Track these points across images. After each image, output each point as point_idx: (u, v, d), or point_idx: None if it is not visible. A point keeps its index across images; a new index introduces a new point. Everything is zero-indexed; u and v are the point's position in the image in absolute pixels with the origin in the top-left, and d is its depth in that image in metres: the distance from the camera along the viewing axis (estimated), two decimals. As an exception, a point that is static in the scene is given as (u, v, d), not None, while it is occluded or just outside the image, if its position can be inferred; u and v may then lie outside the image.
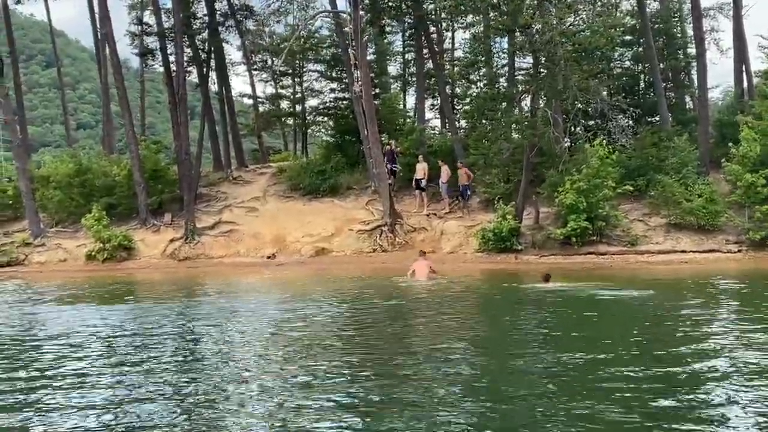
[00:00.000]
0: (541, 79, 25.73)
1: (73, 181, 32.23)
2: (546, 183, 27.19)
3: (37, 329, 12.53)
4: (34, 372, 8.59)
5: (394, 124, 34.81)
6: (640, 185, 27.37)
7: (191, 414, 6.58)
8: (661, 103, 30.85)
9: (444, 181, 29.32)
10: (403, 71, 44.41)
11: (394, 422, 6.03)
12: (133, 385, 7.71)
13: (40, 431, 6.23)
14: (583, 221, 24.97)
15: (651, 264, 23.75)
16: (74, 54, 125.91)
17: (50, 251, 30.16)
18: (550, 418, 6.18)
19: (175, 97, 32.50)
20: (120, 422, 6.35)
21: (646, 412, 6.25)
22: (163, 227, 31.12)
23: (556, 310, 13.85)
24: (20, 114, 37.33)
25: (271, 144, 51.09)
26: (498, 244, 25.96)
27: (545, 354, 9.36)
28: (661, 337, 10.50)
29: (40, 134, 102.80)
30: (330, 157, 33.79)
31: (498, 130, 27.01)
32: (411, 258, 26.24)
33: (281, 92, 44.39)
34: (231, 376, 8.19)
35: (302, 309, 14.67)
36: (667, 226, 26.20)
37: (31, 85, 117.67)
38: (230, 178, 35.79)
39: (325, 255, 28.19)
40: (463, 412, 6.48)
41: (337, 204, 31.51)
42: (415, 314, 13.93)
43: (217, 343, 10.78)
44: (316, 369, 8.44)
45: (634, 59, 35.59)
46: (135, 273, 27.37)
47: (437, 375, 8.04)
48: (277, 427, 6.07)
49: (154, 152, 33.59)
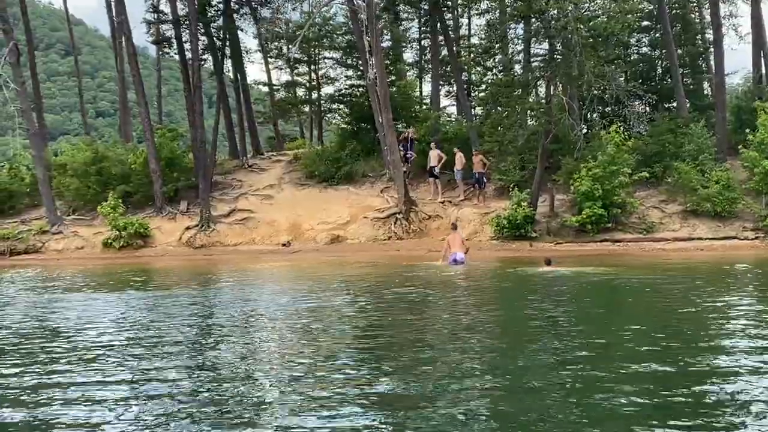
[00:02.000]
0: (556, 65, 25.59)
1: (90, 169, 32.36)
2: (561, 170, 27.09)
3: (58, 316, 12.56)
4: (53, 359, 8.61)
5: (409, 111, 34.72)
6: (656, 172, 27.21)
7: (211, 404, 6.60)
8: (678, 89, 30.64)
9: (459, 168, 29.24)
10: (419, 58, 44.29)
11: (414, 415, 5.98)
12: (156, 378, 7.72)
13: (61, 418, 6.24)
14: (598, 208, 24.89)
15: (666, 251, 23.63)
16: (93, 42, 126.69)
17: (67, 239, 30.32)
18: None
19: (191, 85, 32.56)
20: (142, 409, 6.39)
21: (663, 404, 6.18)
22: (179, 215, 31.24)
23: (563, 295, 13.84)
24: (37, 102, 37.56)
25: (287, 132, 51.15)
26: (513, 232, 25.90)
27: (559, 340, 9.31)
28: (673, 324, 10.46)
29: (59, 122, 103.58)
30: (345, 145, 33.78)
31: (513, 116, 26.91)
32: (425, 245, 26.47)
33: (297, 80, 44.40)
34: (251, 364, 8.17)
35: (320, 295, 14.71)
36: (683, 213, 26.07)
37: (50, 73, 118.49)
38: (246, 166, 35.85)
39: (340, 242, 28.22)
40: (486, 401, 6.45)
41: (353, 191, 31.52)
42: (435, 302, 13.88)
43: (235, 330, 10.78)
44: (339, 354, 8.44)
45: (651, 45, 35.33)
46: (151, 261, 27.49)
47: (457, 366, 8.01)
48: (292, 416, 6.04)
49: (170, 140, 33.65)
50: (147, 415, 6.08)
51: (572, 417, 5.74)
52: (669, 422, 5.52)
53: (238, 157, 37.44)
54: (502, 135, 27.89)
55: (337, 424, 5.66)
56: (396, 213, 28.35)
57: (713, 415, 5.72)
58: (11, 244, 29.83)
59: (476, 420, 5.77)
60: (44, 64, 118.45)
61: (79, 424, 5.92)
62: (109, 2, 38.24)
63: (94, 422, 5.95)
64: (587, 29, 24.56)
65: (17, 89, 30.74)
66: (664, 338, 9.06)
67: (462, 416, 5.81)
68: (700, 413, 5.76)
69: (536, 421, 5.70)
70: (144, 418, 6.00)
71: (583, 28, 24.27)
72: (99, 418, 6.03)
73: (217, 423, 5.77)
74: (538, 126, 27.06)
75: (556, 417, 5.77)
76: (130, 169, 32.41)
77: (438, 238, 27.14)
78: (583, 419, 5.69)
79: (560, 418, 5.74)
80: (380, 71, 28.49)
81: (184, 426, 5.75)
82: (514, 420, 5.76)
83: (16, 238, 30.14)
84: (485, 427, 5.63)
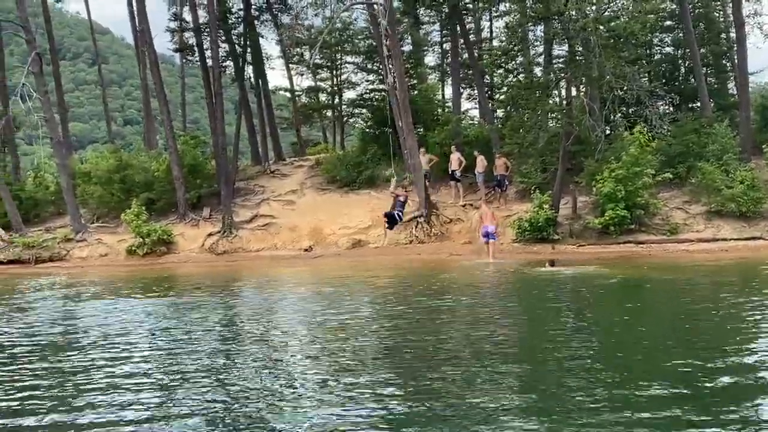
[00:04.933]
0: (576, 66, 25.42)
1: (114, 176, 32.61)
2: (584, 172, 26.89)
3: (83, 323, 12.68)
4: (79, 366, 8.67)
5: (430, 115, 34.62)
6: (680, 172, 26.93)
7: (235, 405, 6.61)
8: (702, 88, 30.31)
9: (480, 171, 29.13)
10: (441, 61, 44.21)
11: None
12: (181, 380, 7.76)
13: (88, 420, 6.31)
14: (621, 210, 24.64)
15: (691, 252, 23.34)
16: (120, 51, 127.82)
17: (91, 246, 30.56)
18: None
19: (212, 92, 32.72)
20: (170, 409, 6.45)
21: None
22: (201, 221, 31.39)
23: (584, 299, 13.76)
24: (61, 111, 37.94)
25: (311, 137, 51.26)
26: (534, 234, 25.72)
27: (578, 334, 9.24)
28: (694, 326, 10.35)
29: (87, 131, 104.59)
30: (366, 149, 33.77)
31: (533, 118, 26.75)
32: (447, 249, 26.40)
33: (319, 85, 44.49)
34: (279, 369, 8.16)
35: (345, 299, 14.71)
36: (707, 213, 25.75)
37: (78, 82, 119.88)
38: (268, 172, 35.94)
39: (362, 247, 28.20)
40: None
41: (374, 195, 31.46)
42: (457, 309, 13.82)
43: (261, 334, 10.79)
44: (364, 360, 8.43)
45: (674, 44, 35.01)
46: (175, 267, 27.62)
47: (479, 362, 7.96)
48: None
49: (193, 147, 33.83)
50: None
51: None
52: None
53: (260, 162, 37.57)
54: (522, 137, 27.73)
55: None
56: (417, 217, 28.28)
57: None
58: (36, 252, 30.10)
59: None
60: (72, 73, 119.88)
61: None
62: (132, 12, 38.50)
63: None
64: (606, 30, 24.35)
65: (40, 98, 31.04)
66: (683, 340, 8.97)
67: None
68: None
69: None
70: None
71: (603, 28, 24.08)
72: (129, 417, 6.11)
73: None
74: (559, 128, 26.86)
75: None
76: (153, 176, 32.61)
77: (459, 242, 27.11)
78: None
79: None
80: (400, 75, 28.46)
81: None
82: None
83: (41, 246, 30.42)
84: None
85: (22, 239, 30.70)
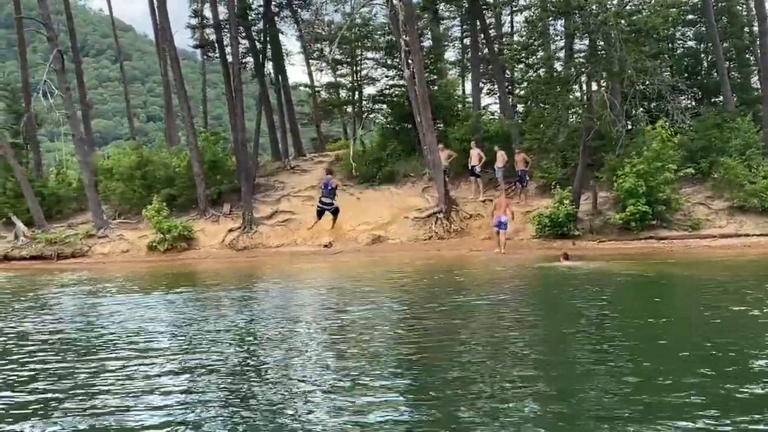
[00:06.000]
0: (596, 61, 25.25)
1: (135, 173, 32.86)
2: (605, 167, 26.71)
3: (105, 319, 12.74)
4: (101, 361, 8.72)
5: (450, 111, 34.52)
6: (702, 168, 26.69)
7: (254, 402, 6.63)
8: (724, 83, 30.02)
9: (500, 167, 29.02)
10: (461, 57, 44.05)
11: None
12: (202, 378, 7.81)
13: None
14: (642, 205, 24.44)
15: (713, 248, 23.12)
16: (143, 48, 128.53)
17: (113, 242, 30.76)
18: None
19: (232, 88, 32.81)
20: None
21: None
22: (222, 217, 31.54)
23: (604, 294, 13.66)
24: (83, 108, 38.19)
25: (332, 132, 51.25)
26: (555, 230, 25.59)
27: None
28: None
29: (110, 127, 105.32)
30: (386, 145, 33.73)
31: (554, 113, 26.60)
32: (466, 245, 26.34)
33: (339, 80, 44.44)
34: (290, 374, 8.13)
35: (365, 295, 14.71)
36: (729, 209, 25.53)
37: (102, 79, 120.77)
38: (288, 168, 36.03)
39: (381, 243, 28.17)
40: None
41: (394, 191, 31.49)
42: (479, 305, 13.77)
43: (282, 330, 10.79)
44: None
45: (696, 39, 34.70)
46: (195, 263, 27.72)
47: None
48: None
49: (213, 143, 33.96)
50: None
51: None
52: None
53: (280, 158, 37.66)
54: (542, 132, 27.61)
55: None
56: (437, 213, 28.23)
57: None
58: (58, 248, 30.36)
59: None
60: (95, 70, 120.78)
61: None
62: (153, 8, 38.66)
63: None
64: (628, 24, 24.15)
65: (62, 95, 31.23)
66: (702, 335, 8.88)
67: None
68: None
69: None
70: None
71: (624, 22, 23.90)
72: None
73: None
74: (579, 123, 26.71)
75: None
76: (174, 172, 32.80)
77: (479, 237, 27.02)
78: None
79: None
80: (419, 71, 28.39)
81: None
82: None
83: (64, 242, 30.66)
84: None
85: (45, 235, 30.97)
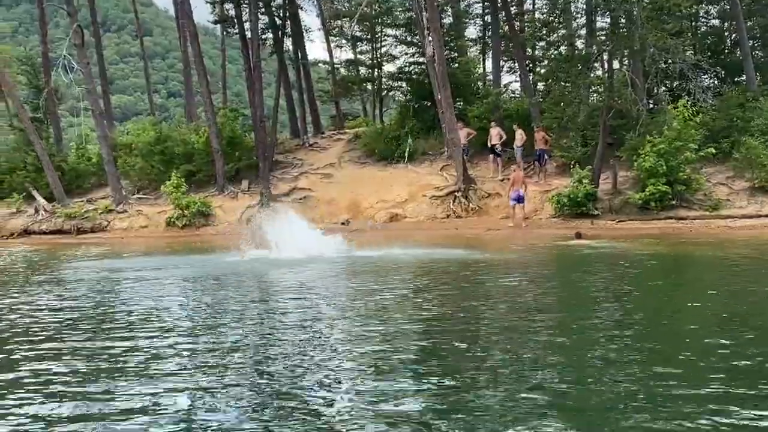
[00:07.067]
0: (618, 39, 24.98)
1: (154, 148, 32.98)
2: (625, 146, 26.47)
3: (125, 294, 12.75)
4: (120, 339, 8.72)
5: (470, 89, 34.31)
6: (724, 147, 26.37)
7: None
8: (748, 62, 29.61)
9: (519, 145, 28.83)
10: (482, 34, 43.73)
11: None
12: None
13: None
14: (662, 185, 24.22)
15: (733, 229, 22.89)
16: (164, 24, 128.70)
17: (132, 218, 30.95)
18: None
19: (251, 64, 32.75)
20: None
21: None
22: (240, 194, 31.62)
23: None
24: (103, 83, 38.29)
25: (353, 110, 51.16)
26: (574, 210, 25.44)
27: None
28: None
29: (131, 103, 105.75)
30: (405, 123, 33.61)
31: (574, 92, 26.38)
32: (484, 224, 26.26)
33: (359, 58, 44.28)
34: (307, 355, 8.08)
35: (384, 272, 14.66)
36: (751, 189, 25.24)
37: (123, 54, 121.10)
38: (306, 145, 36.01)
39: (399, 221, 28.16)
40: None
41: (412, 170, 31.38)
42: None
43: (299, 308, 10.72)
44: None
45: (720, 17, 34.25)
46: (213, 239, 27.78)
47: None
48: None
49: (232, 120, 34.01)
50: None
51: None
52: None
53: (298, 135, 37.63)
54: (562, 111, 27.39)
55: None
56: (455, 191, 28.14)
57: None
58: (78, 223, 30.63)
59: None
60: (117, 46, 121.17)
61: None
62: (172, -17, 38.64)
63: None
64: (650, 1, 23.86)
65: (81, 70, 31.32)
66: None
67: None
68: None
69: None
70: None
71: (646, 0, 23.61)
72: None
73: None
74: (600, 102, 26.47)
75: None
76: (192, 148, 32.91)
77: (497, 216, 26.92)
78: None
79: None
80: (438, 48, 28.20)
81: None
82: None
83: (83, 217, 30.91)
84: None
85: (64, 210, 31.21)
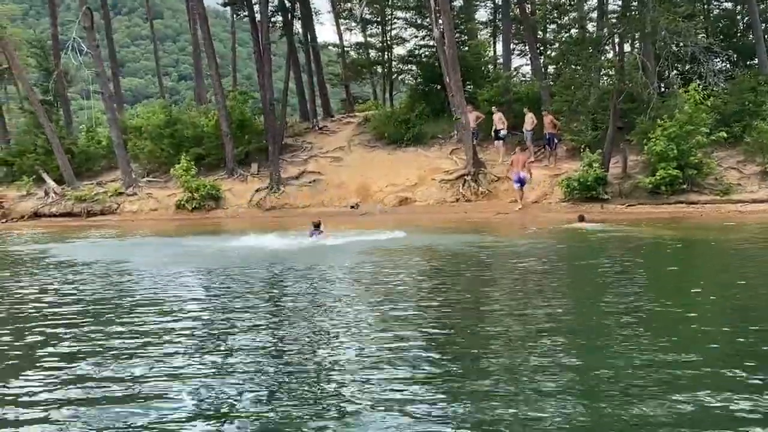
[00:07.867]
0: (629, 21, 24.78)
1: (164, 131, 32.99)
2: (635, 130, 26.31)
3: (135, 276, 12.78)
4: (130, 322, 8.73)
5: (480, 72, 34.15)
6: (735, 131, 26.17)
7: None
8: (760, 45, 29.34)
9: (528, 129, 28.71)
10: (493, 17, 43.45)
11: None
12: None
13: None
14: (673, 169, 24.09)
15: (743, 213, 22.77)
16: (174, 6, 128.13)
17: (141, 200, 31.06)
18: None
19: (260, 47, 32.65)
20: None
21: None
22: (249, 177, 31.65)
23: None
24: (113, 66, 38.27)
25: (364, 93, 50.98)
26: (583, 193, 25.35)
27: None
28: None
29: (142, 86, 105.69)
30: (415, 106, 33.49)
31: (585, 75, 26.21)
32: (493, 208, 26.21)
33: (369, 41, 44.08)
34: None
35: (393, 257, 14.63)
36: (762, 174, 25.06)
37: (134, 37, 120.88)
38: (316, 128, 35.97)
39: (408, 204, 28.17)
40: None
41: (421, 153, 31.31)
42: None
43: (308, 294, 10.69)
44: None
45: (732, 0, 33.94)
46: (222, 222, 27.89)
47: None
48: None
49: (241, 103, 33.98)
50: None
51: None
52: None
53: (308, 119, 37.57)
54: (572, 94, 27.22)
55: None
56: (464, 175, 28.08)
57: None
58: (88, 206, 30.77)
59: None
60: (128, 29, 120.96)
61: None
62: (182, -35, 38.53)
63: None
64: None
65: (91, 53, 31.31)
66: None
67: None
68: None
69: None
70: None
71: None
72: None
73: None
74: (611, 85, 26.28)
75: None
76: (202, 131, 32.93)
77: (506, 200, 26.85)
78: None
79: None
80: (448, 31, 28.05)
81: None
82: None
83: (93, 199, 31.03)
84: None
85: (75, 193, 31.32)
